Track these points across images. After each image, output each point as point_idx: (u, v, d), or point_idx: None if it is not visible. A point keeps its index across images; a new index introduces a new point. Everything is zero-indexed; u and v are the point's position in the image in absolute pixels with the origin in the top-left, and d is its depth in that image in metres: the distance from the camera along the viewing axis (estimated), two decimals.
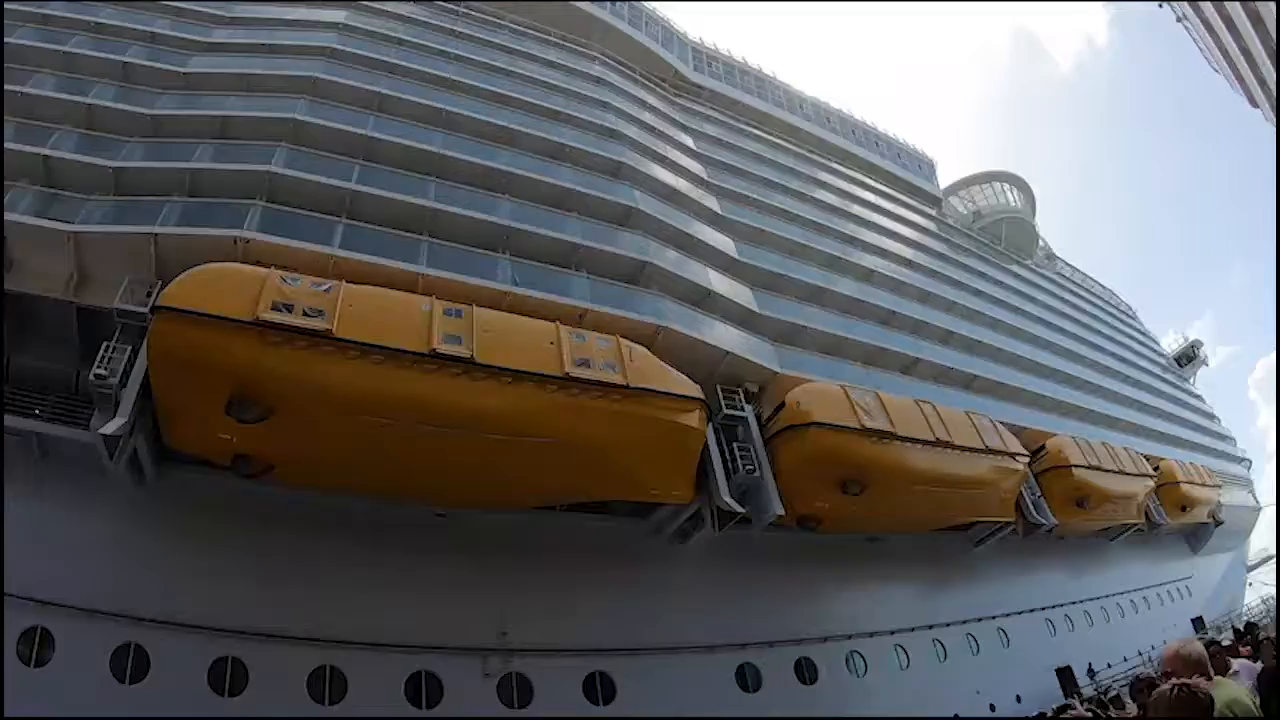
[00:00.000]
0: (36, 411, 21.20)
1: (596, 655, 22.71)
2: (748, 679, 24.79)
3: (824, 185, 46.39)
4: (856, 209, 46.38)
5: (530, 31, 40.60)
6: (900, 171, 57.77)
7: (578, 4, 43.62)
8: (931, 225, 53.82)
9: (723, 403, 25.54)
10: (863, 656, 27.76)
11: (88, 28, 31.22)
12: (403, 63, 32.50)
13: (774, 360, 28.19)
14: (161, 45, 30.84)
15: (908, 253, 45.67)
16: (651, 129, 37.87)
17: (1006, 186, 65.74)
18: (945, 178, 64.37)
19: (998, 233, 61.54)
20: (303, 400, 18.84)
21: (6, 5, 30.64)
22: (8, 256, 22.49)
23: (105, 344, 20.12)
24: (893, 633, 29.02)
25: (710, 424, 23.56)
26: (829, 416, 25.60)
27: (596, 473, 21.56)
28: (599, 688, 22.40)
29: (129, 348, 20.13)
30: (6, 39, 29.76)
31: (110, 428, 18.54)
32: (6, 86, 27.40)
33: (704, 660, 24.12)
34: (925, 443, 27.51)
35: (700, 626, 24.48)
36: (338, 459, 20.02)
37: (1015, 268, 59.15)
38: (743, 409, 25.88)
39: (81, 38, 30.54)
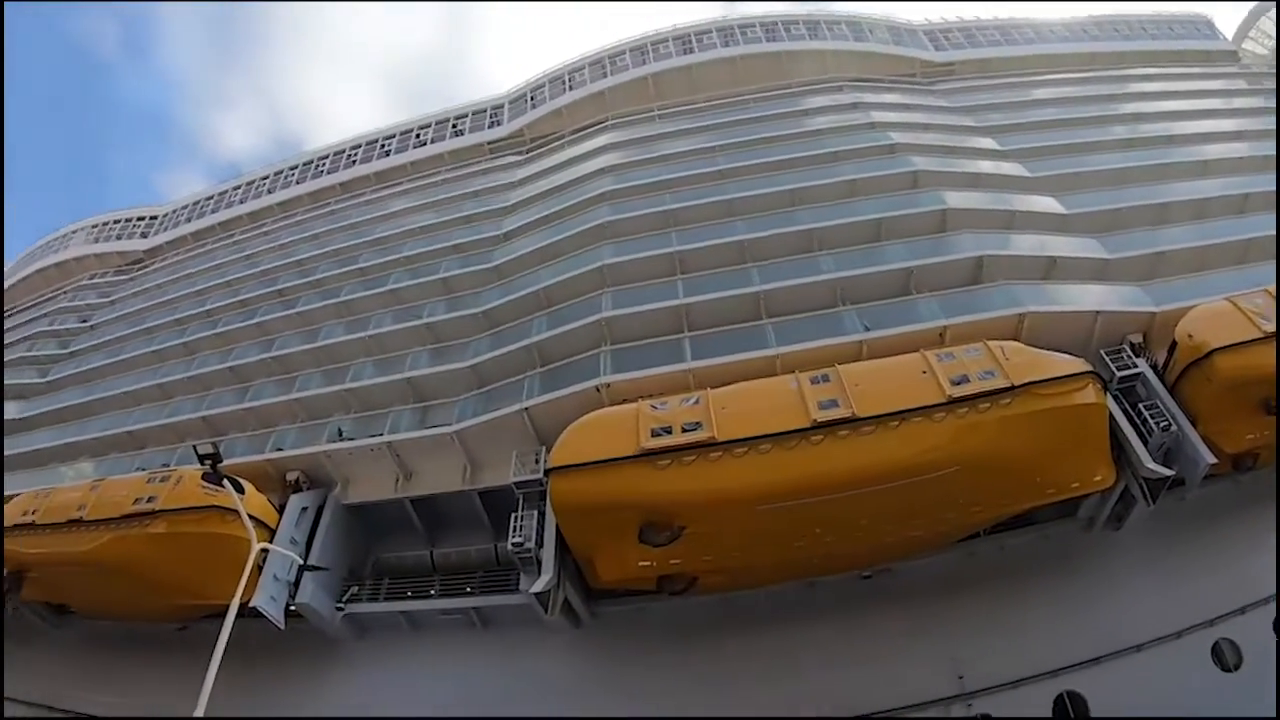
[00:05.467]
0: (468, 589, 27.65)
1: (1059, 675, 23.17)
2: (1224, 657, 23.46)
3: (1113, 98, 45.74)
4: (1157, 106, 44.82)
5: (772, 93, 45.92)
6: (1181, 45, 55.29)
7: (799, 47, 48.87)
8: (1240, 83, 50.54)
9: (1112, 367, 25.90)
10: None
11: (400, 264, 40.80)
12: (676, 174, 38.37)
13: (1147, 301, 28.23)
14: (468, 251, 39.78)
15: (1231, 125, 42.94)
16: (925, 126, 40.66)
17: None
18: (1226, 26, 61.22)
19: None
20: (706, 510, 22.29)
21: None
22: (406, 468, 30.25)
23: (513, 515, 25.66)
24: None
25: (1107, 394, 23.90)
26: (1226, 337, 24.88)
27: (1010, 485, 22.75)
28: (1070, 708, 22.82)
29: (535, 512, 25.58)
30: (341, 297, 39.65)
31: (539, 585, 23.62)
32: (353, 336, 36.55)
33: (1172, 650, 23.31)
34: None
35: (1158, 614, 23.83)
36: (753, 554, 23.28)
37: None
38: (1134, 365, 26.03)
39: (399, 273, 40.12)
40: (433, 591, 28.24)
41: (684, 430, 22.94)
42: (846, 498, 21.60)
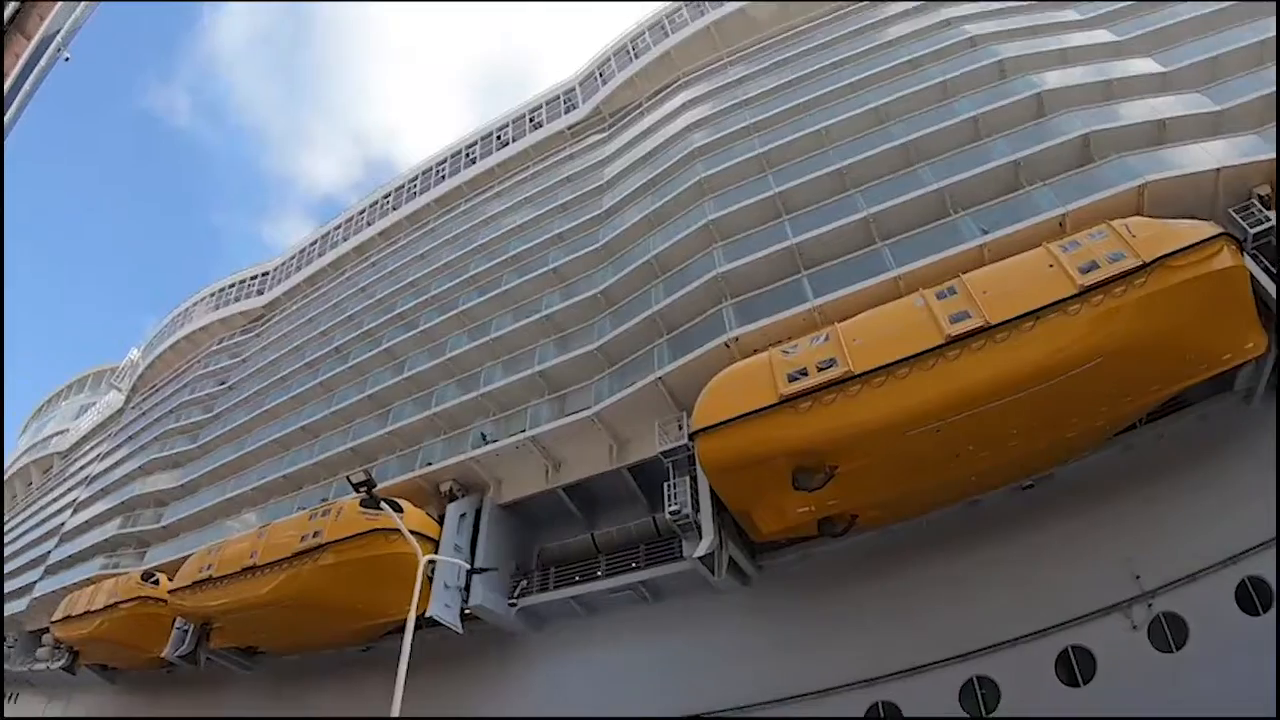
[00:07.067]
0: (633, 565, 29.14)
1: (1239, 560, 22.05)
2: None
3: None
4: None
5: (836, 14, 44.82)
6: None
7: None
8: None
9: (1244, 224, 24.71)
10: None
11: (509, 264, 43.02)
12: (760, 116, 38.46)
13: (1266, 148, 26.36)
14: (569, 239, 41.40)
15: None
16: (1000, 11, 39.16)
17: None
18: None
19: None
20: (855, 445, 22.74)
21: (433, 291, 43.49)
22: (553, 458, 31.94)
23: (665, 484, 26.86)
24: None
25: (1244, 254, 22.74)
26: None
27: (1158, 368, 22.16)
28: (1254, 596, 21.77)
29: (686, 478, 26.68)
30: (460, 307, 41.89)
31: (702, 549, 24.70)
32: (479, 342, 38.78)
33: None
34: None
35: None
36: (908, 482, 23.70)
37: None
38: (1267, 218, 24.68)
39: (509, 273, 42.23)
40: (599, 572, 29.74)
41: (819, 369, 23.44)
42: (993, 410, 21.62)
